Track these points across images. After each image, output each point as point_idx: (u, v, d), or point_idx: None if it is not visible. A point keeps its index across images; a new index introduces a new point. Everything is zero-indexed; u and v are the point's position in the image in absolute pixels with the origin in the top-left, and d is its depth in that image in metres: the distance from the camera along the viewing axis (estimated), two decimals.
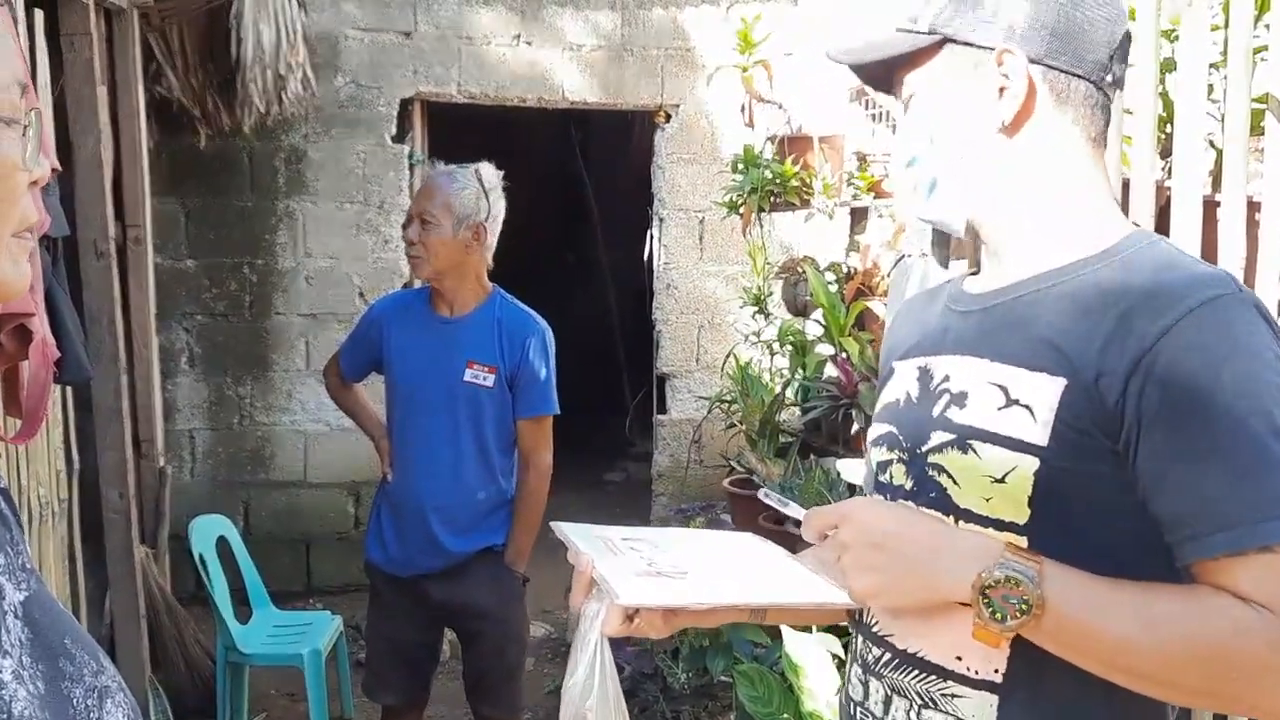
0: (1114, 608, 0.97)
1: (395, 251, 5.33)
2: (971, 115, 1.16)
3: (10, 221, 0.79)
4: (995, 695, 1.09)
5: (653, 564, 1.17)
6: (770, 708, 2.73)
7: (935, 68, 1.18)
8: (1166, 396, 0.99)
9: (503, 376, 2.84)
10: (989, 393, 1.11)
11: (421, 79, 5.30)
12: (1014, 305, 1.15)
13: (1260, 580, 0.94)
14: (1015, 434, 1.07)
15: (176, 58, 4.55)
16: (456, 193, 2.85)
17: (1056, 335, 1.08)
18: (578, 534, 1.25)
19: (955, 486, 1.12)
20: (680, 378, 5.76)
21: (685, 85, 5.53)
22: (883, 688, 1.19)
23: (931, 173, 1.20)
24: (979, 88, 1.15)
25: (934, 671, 1.13)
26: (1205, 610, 0.96)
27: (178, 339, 5.23)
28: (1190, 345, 0.99)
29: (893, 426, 1.25)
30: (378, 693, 3.03)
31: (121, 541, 3.54)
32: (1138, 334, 1.01)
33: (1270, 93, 1.95)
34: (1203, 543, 0.98)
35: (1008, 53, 1.13)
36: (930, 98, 1.19)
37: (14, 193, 0.78)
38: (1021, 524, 1.06)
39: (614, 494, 7.27)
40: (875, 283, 3.43)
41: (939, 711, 1.13)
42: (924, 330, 1.29)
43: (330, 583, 5.36)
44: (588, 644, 1.16)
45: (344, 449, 5.35)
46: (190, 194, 5.19)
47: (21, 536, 0.84)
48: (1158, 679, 0.99)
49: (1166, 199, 2.01)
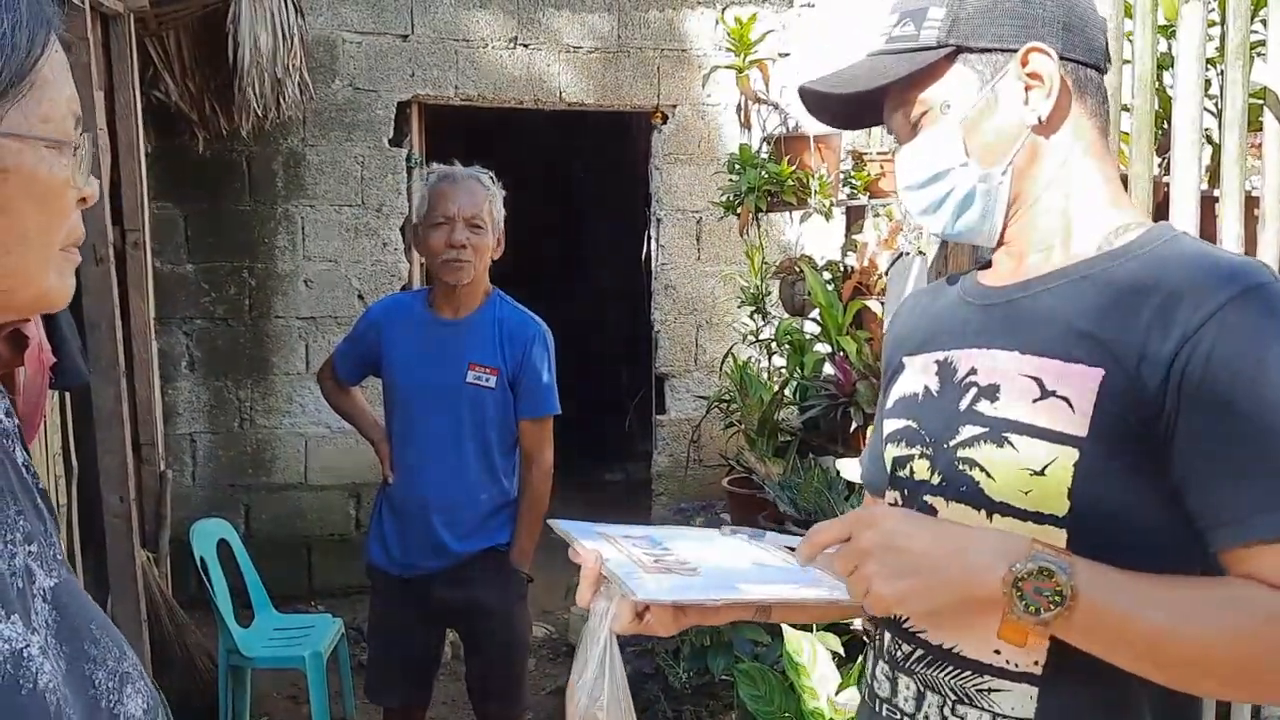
0: (1145, 598, 0.97)
1: (394, 254, 5.34)
2: (1004, 120, 1.15)
3: (59, 236, 0.85)
4: (1035, 687, 1.09)
5: (659, 560, 1.16)
6: (771, 706, 2.73)
7: (952, 81, 1.16)
8: (1208, 382, 0.99)
9: (504, 377, 2.84)
10: (1022, 385, 1.10)
11: (419, 82, 5.30)
12: (1040, 297, 1.14)
13: None
14: (1054, 426, 1.06)
15: (174, 62, 4.55)
16: (494, 197, 2.86)
17: (1091, 326, 1.07)
18: (578, 530, 1.24)
19: (989, 480, 1.11)
20: (679, 377, 5.76)
21: (681, 86, 5.53)
22: (914, 684, 1.18)
23: (966, 186, 1.18)
24: (1005, 91, 1.14)
25: (970, 667, 1.12)
26: (1238, 599, 0.96)
27: (177, 343, 5.24)
28: (1234, 332, 0.99)
29: (912, 421, 1.24)
30: (380, 695, 3.02)
31: (122, 545, 3.53)
32: (1181, 321, 1.01)
33: (1268, 88, 1.97)
34: (1237, 529, 0.98)
35: (1036, 50, 1.13)
36: (956, 111, 1.16)
37: (65, 210, 0.85)
38: (1061, 516, 1.06)
39: (613, 494, 7.28)
40: (872, 281, 3.44)
41: (974, 707, 1.12)
42: (937, 324, 1.28)
43: (331, 585, 5.36)
44: (597, 641, 1.14)
45: (344, 451, 5.36)
46: (189, 198, 5.19)
47: (55, 530, 0.91)
48: (1190, 670, 0.98)
49: (1164, 194, 2.01)
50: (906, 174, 1.23)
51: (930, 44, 1.15)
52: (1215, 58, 2.12)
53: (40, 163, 0.81)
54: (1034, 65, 1.13)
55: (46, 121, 0.82)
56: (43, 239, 0.84)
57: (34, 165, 0.81)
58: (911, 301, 1.41)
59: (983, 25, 1.14)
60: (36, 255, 0.83)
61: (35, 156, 0.81)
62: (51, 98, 0.82)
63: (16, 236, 0.81)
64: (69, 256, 0.87)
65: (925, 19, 1.15)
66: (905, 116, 1.20)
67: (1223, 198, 1.98)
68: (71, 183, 0.85)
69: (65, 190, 0.84)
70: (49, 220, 0.84)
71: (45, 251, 0.84)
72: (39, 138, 0.81)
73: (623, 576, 1.08)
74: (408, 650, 2.97)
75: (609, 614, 1.13)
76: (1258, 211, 2.00)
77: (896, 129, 1.23)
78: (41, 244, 0.84)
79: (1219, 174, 2.01)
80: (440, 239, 2.79)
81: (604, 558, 1.13)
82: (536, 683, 4.06)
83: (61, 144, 0.83)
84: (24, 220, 0.82)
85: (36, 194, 0.82)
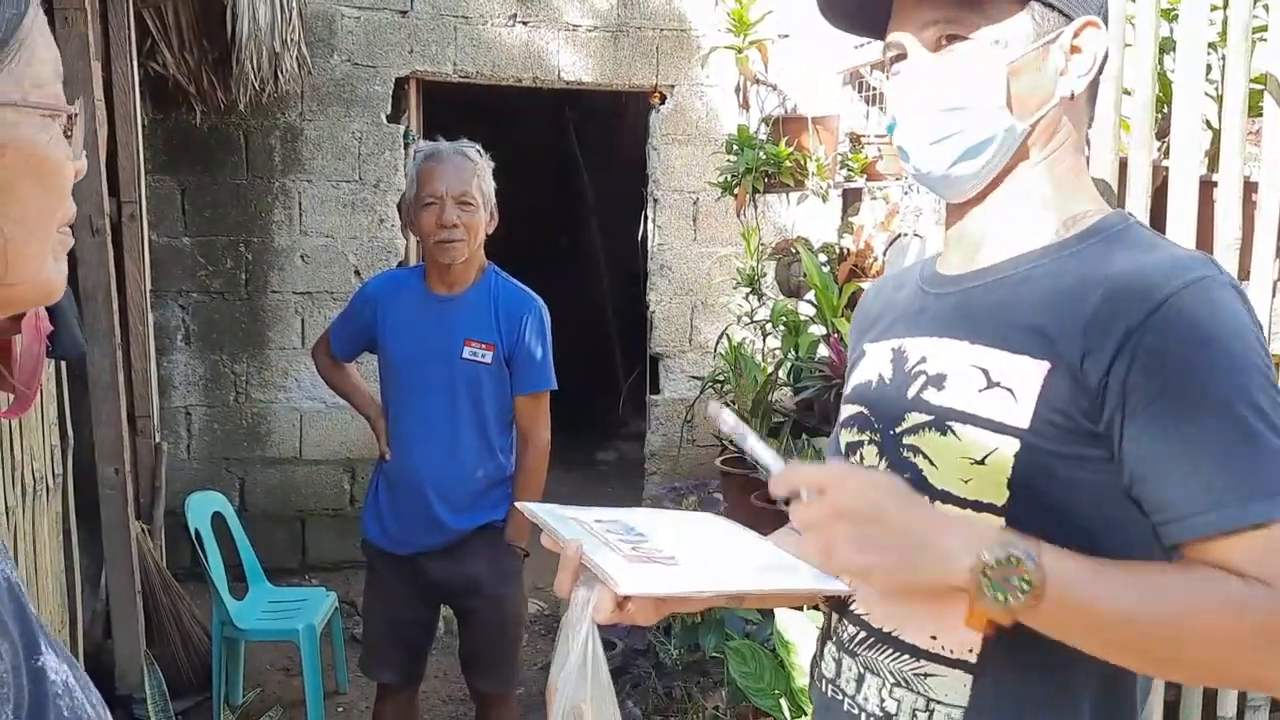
0: (1112, 585, 0.96)
1: (391, 230, 5.33)
2: (1044, 81, 1.13)
3: (58, 217, 0.78)
4: (969, 675, 1.09)
5: (637, 548, 1.13)
6: (762, 683, 2.75)
7: (1015, 23, 1.11)
8: (1152, 378, 0.99)
9: (500, 354, 2.84)
10: (969, 375, 1.11)
11: (417, 58, 5.28)
12: (993, 288, 1.14)
13: (1257, 557, 0.94)
14: (996, 416, 1.07)
15: (171, 34, 4.54)
16: (483, 171, 2.84)
17: (1039, 318, 1.07)
18: (550, 516, 1.21)
19: (932, 468, 1.11)
20: (673, 358, 5.77)
21: (680, 66, 5.52)
22: (856, 666, 1.18)
23: (987, 131, 1.13)
24: (1053, 54, 1.12)
25: (907, 651, 1.13)
26: (1205, 584, 0.96)
27: (173, 316, 5.23)
28: (1175, 326, 0.99)
29: (864, 408, 1.24)
30: (375, 671, 3.03)
31: (117, 517, 3.54)
32: (1123, 315, 1.01)
33: (1269, 73, 1.97)
34: (1194, 522, 0.98)
35: (1093, 25, 1.12)
36: (1008, 52, 1.11)
37: (64, 188, 0.78)
38: (1000, 505, 1.06)
39: (607, 473, 7.30)
40: (868, 264, 3.44)
41: (911, 691, 1.12)
42: (896, 312, 1.28)
43: (325, 559, 5.38)
44: (579, 633, 1.11)
45: (339, 426, 5.37)
46: (186, 171, 5.17)
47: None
48: (1158, 655, 0.98)
49: (1163, 179, 2.02)
50: (922, 96, 1.15)
51: None
52: (1217, 42, 2.13)
53: (39, 134, 0.74)
54: (1085, 39, 1.12)
55: (39, 87, 0.74)
56: (42, 220, 0.76)
57: (33, 138, 0.73)
58: (876, 288, 1.41)
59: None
60: (38, 240, 0.76)
61: (33, 128, 0.73)
62: (41, 58, 0.75)
63: (15, 219, 0.73)
64: (64, 239, 0.79)
65: None
66: (939, 34, 1.13)
67: (1221, 183, 1.98)
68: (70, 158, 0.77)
69: (65, 165, 0.77)
70: (49, 199, 0.76)
71: (44, 235, 0.76)
72: (35, 105, 0.73)
73: (606, 568, 1.05)
74: (403, 626, 2.98)
75: (590, 603, 1.09)
76: (1256, 197, 2.01)
77: (917, 41, 1.15)
78: (41, 226, 0.76)
79: (1218, 159, 2.02)
80: (431, 219, 2.77)
81: (584, 547, 1.10)
82: (529, 658, 4.08)
83: (57, 112, 0.76)
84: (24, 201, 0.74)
85: (36, 170, 0.74)
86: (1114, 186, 1.93)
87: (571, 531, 1.15)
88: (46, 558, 3.10)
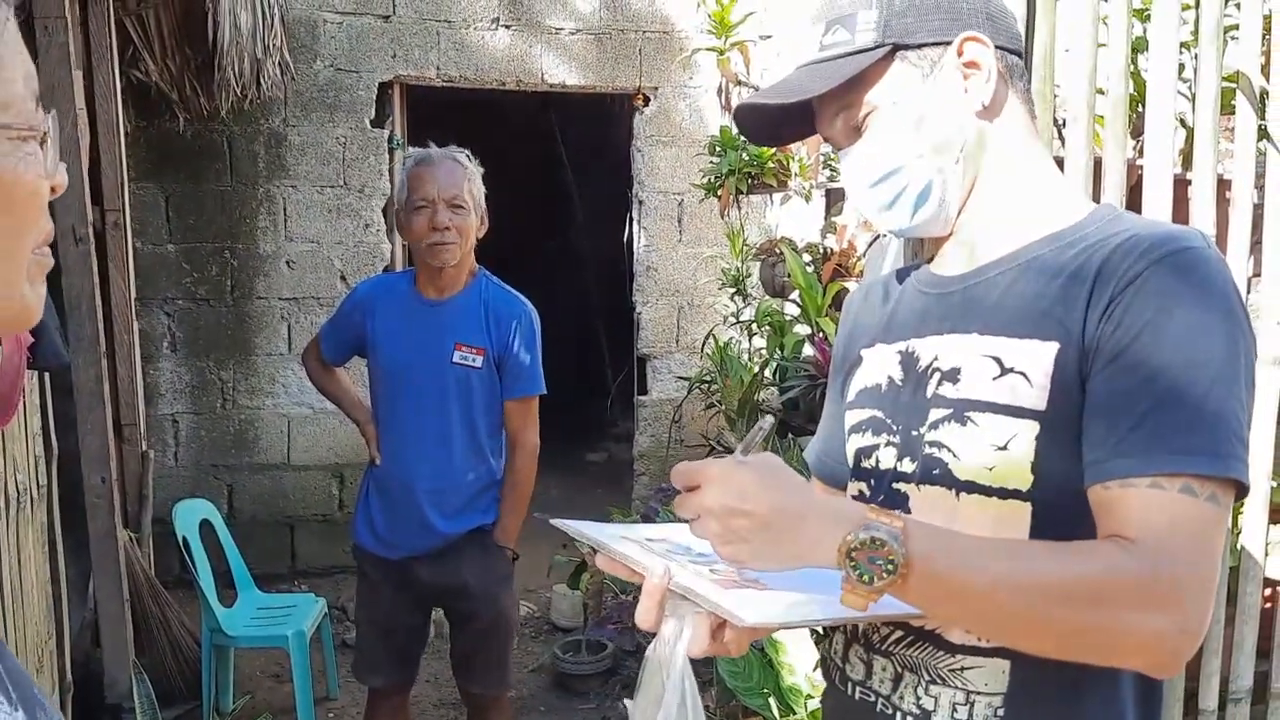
0: (982, 560, 0.98)
1: (376, 235, 5.33)
2: (951, 110, 1.17)
3: (33, 239, 0.75)
4: (1007, 660, 1.11)
5: (715, 571, 1.05)
6: (750, 683, 2.75)
7: (894, 79, 1.17)
8: (1119, 336, 1.03)
9: (490, 358, 2.85)
10: (982, 365, 1.13)
11: (400, 63, 5.29)
12: (996, 281, 1.17)
13: (1139, 513, 0.97)
14: (1013, 401, 1.09)
15: (153, 41, 4.54)
16: (474, 175, 2.85)
17: (1044, 301, 1.10)
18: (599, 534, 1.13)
19: (956, 460, 1.13)
20: (660, 359, 5.79)
21: (664, 69, 5.54)
22: (892, 665, 1.19)
23: (924, 179, 1.19)
24: (946, 82, 1.17)
25: (944, 647, 1.14)
26: (1076, 552, 0.98)
27: (159, 323, 5.22)
28: (1152, 290, 1.02)
29: (877, 411, 1.25)
30: (367, 675, 3.03)
31: (104, 526, 3.53)
32: (1112, 283, 1.05)
33: (1240, 72, 1.99)
34: (1103, 467, 1.01)
35: (971, 40, 1.16)
36: (903, 107, 1.17)
37: (39, 209, 0.75)
38: (1026, 490, 1.08)
39: (596, 474, 7.31)
40: (851, 263, 3.45)
41: (949, 686, 1.14)
42: (893, 316, 1.30)
43: (314, 565, 5.38)
44: (674, 669, 1.02)
45: (327, 431, 5.37)
46: (170, 179, 5.17)
47: None
48: (1028, 624, 0.99)
49: (1138, 178, 2.03)
50: (860, 175, 1.23)
51: (868, 45, 1.16)
52: (1189, 41, 2.14)
53: (6, 159, 0.71)
54: (970, 54, 1.16)
55: (7, 108, 0.71)
56: (14, 245, 0.73)
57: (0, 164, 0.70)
58: (860, 297, 1.42)
59: (915, 22, 1.16)
60: (11, 266, 0.73)
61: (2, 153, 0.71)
62: (9, 77, 0.71)
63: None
64: (40, 260, 0.76)
65: (857, 23, 1.17)
66: (848, 121, 1.21)
67: (1195, 181, 2.00)
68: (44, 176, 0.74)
69: (40, 185, 0.73)
70: (21, 224, 0.73)
71: (18, 260, 0.73)
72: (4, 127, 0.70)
73: (715, 598, 0.99)
74: (395, 631, 2.98)
75: (682, 637, 1.02)
76: (1229, 194, 2.03)
77: (836, 135, 1.23)
78: (14, 252, 0.73)
79: (1192, 157, 2.04)
80: (423, 222, 2.79)
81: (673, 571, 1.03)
82: (519, 660, 4.09)
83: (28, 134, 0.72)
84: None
85: (6, 196, 0.71)
86: (1089, 185, 1.95)
87: (636, 552, 1.08)
88: (32, 569, 3.09)
